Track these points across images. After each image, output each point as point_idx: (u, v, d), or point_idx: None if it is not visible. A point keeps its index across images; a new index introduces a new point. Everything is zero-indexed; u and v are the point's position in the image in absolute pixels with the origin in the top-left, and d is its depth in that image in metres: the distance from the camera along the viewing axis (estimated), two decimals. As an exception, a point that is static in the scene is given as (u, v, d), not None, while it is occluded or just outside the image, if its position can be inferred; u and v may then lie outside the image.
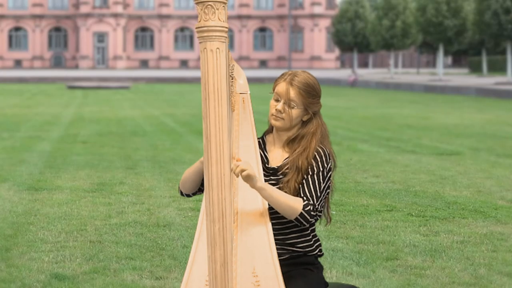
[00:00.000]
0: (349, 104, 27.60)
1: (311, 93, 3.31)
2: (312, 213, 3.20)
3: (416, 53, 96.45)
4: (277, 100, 3.32)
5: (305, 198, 3.22)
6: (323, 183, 3.26)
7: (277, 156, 3.37)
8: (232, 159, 3.09)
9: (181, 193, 3.46)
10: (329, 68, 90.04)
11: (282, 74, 3.36)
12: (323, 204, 3.29)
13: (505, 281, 5.40)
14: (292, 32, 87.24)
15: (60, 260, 5.87)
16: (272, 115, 3.33)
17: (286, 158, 3.33)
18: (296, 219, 3.19)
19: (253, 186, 3.12)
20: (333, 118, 20.26)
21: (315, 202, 3.22)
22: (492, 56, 73.41)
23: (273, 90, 3.35)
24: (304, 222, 3.20)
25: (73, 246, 6.30)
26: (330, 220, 3.44)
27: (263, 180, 3.26)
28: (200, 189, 3.42)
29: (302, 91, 3.28)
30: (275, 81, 3.38)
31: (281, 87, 3.31)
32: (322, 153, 3.29)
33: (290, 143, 3.35)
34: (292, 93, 3.28)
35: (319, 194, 3.24)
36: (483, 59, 65.80)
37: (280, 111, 3.30)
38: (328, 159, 3.29)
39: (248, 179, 3.08)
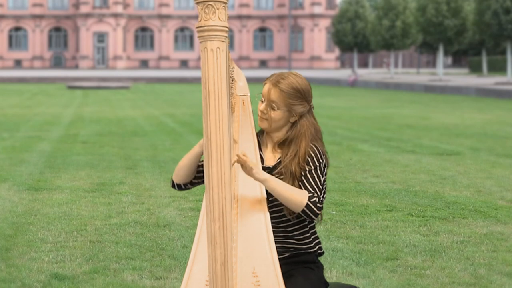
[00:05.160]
0: (349, 104, 27.60)
1: (294, 95, 3.25)
2: (318, 204, 3.18)
3: (416, 53, 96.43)
4: (262, 101, 3.31)
5: (308, 191, 3.21)
6: (322, 177, 3.26)
7: (271, 156, 3.36)
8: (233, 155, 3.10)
9: (173, 184, 3.42)
10: (329, 68, 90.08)
11: (271, 75, 3.33)
12: (325, 197, 3.28)
13: (505, 281, 5.40)
14: (292, 32, 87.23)
15: (60, 260, 5.87)
16: (258, 115, 3.32)
17: (279, 158, 3.32)
18: (303, 211, 3.16)
19: (257, 178, 3.11)
20: (333, 118, 20.27)
21: (319, 194, 3.22)
22: (492, 56, 73.41)
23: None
24: (312, 215, 3.17)
25: (73, 246, 6.30)
26: (321, 219, 3.41)
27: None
28: (192, 182, 3.39)
29: (284, 92, 3.24)
30: (264, 81, 3.36)
31: (265, 88, 3.29)
32: (316, 151, 3.29)
33: (281, 144, 3.34)
34: (274, 95, 3.25)
35: (320, 187, 3.24)
36: (483, 59, 65.80)
37: (263, 112, 3.29)
38: (321, 156, 3.29)
39: (251, 171, 3.08)
